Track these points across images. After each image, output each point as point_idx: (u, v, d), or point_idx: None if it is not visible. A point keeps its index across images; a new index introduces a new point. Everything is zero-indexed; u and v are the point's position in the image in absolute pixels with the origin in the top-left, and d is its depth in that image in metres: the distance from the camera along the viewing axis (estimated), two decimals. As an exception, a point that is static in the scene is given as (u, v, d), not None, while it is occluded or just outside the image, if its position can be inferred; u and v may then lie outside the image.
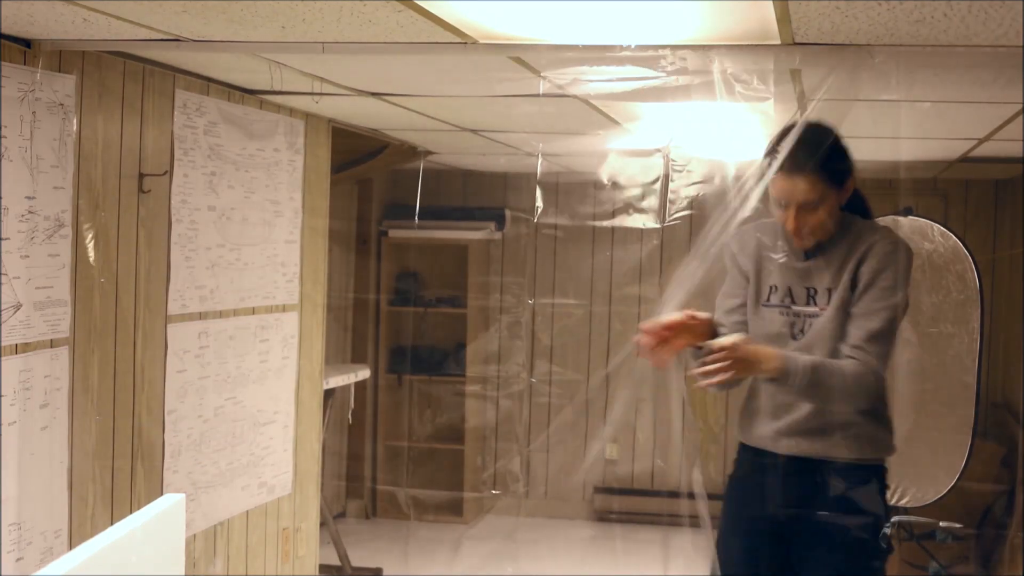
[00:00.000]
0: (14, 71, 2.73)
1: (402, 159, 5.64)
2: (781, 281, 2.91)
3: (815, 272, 2.86)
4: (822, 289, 2.84)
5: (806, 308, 2.87)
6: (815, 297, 2.85)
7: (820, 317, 2.82)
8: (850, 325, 2.79)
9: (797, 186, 2.75)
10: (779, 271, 2.91)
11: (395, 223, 6.62)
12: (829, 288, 2.83)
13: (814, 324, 2.83)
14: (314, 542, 4.57)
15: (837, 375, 2.74)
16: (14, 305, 2.76)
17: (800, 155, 2.72)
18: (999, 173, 5.80)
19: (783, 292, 2.90)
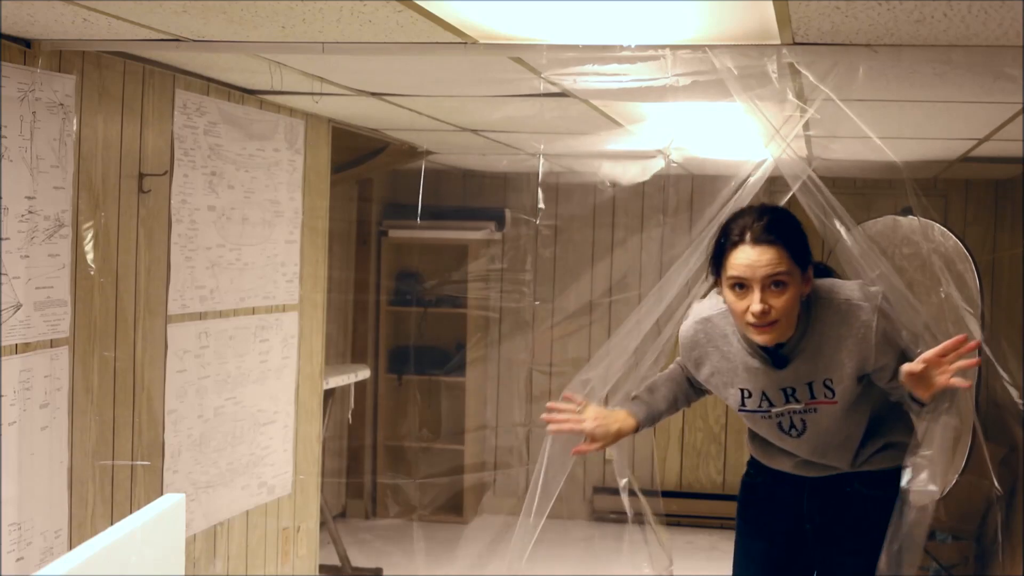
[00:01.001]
0: (14, 71, 2.73)
1: (402, 159, 5.64)
2: (751, 383, 2.67)
3: (790, 373, 2.62)
4: (801, 385, 2.62)
5: (789, 406, 2.65)
6: (794, 395, 2.64)
7: (819, 414, 2.64)
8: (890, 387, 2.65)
9: (763, 257, 2.45)
10: (744, 373, 2.67)
11: (395, 223, 6.62)
12: (810, 383, 2.60)
13: (812, 421, 2.66)
14: (314, 542, 4.57)
15: None
16: (14, 305, 2.76)
17: (765, 226, 2.49)
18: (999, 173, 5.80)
19: (758, 397, 2.67)
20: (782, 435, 2.71)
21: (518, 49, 2.79)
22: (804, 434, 2.67)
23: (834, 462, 2.74)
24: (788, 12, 2.29)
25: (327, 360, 4.77)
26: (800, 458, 2.79)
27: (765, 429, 2.75)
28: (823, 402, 2.61)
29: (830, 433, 2.67)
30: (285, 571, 4.29)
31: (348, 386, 5.59)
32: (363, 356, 6.53)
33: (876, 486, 2.74)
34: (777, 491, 2.90)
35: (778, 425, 2.69)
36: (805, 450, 2.75)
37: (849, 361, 2.57)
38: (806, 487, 2.82)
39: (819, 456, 2.74)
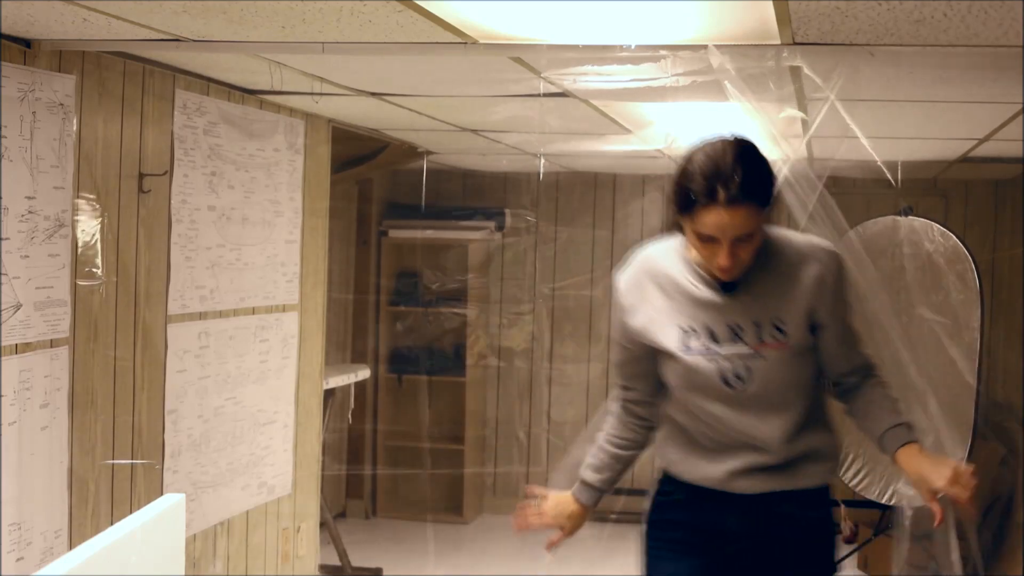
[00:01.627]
0: (14, 71, 2.73)
1: (402, 159, 5.64)
2: (694, 320, 2.42)
3: (737, 304, 2.41)
4: (748, 324, 2.39)
5: (736, 348, 2.39)
6: (741, 335, 2.39)
7: (766, 360, 2.38)
8: (835, 357, 2.47)
9: (736, 219, 2.27)
10: (688, 308, 2.44)
11: (395, 223, 6.62)
12: (757, 322, 2.39)
13: (758, 369, 2.39)
14: (314, 542, 4.57)
15: None
16: (14, 305, 2.76)
17: (742, 182, 2.26)
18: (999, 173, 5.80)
19: (703, 335, 2.41)
20: (723, 389, 2.40)
21: (518, 49, 2.79)
22: (748, 385, 2.38)
23: (768, 435, 2.41)
24: (788, 12, 2.29)
25: (327, 360, 4.77)
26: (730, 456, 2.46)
27: (702, 389, 2.43)
28: (771, 345, 2.38)
29: (775, 387, 2.39)
30: (285, 571, 4.29)
31: (348, 386, 5.59)
32: (363, 356, 6.53)
33: (810, 506, 2.49)
34: (698, 510, 2.55)
35: (720, 375, 2.39)
36: (741, 414, 2.42)
37: (803, 300, 2.38)
38: (732, 505, 2.49)
39: (754, 424, 2.41)
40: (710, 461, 2.50)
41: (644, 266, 2.55)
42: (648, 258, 2.55)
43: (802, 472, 2.47)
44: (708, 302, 2.42)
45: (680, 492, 2.58)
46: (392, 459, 6.69)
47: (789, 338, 2.38)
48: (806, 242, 2.46)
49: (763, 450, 2.44)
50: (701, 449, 2.51)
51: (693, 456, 2.53)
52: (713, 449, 2.49)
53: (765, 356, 2.38)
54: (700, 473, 2.52)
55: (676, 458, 2.57)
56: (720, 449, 2.48)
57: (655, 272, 2.51)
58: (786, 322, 2.39)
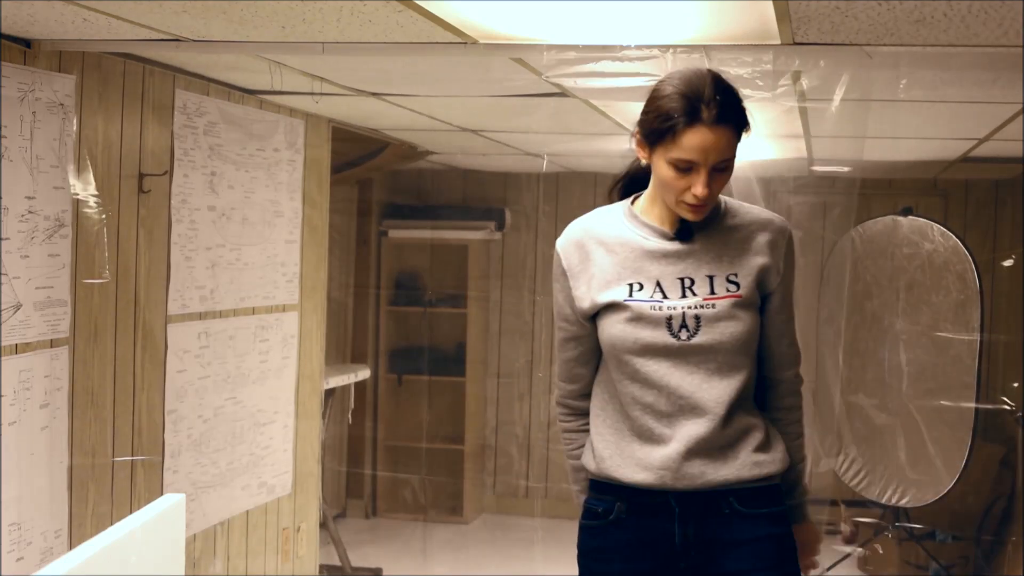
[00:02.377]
0: (14, 71, 2.73)
1: (402, 159, 5.64)
2: (643, 275, 2.29)
3: (689, 257, 2.29)
4: (701, 277, 2.27)
5: (683, 301, 2.26)
6: (692, 288, 2.27)
7: (715, 310, 2.25)
8: (775, 333, 2.35)
9: (720, 140, 2.15)
10: (638, 263, 2.30)
11: (395, 223, 6.62)
12: (711, 275, 2.27)
13: (707, 318, 2.25)
14: (314, 542, 4.57)
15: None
16: (14, 305, 2.76)
17: (725, 102, 2.16)
18: (999, 173, 5.80)
19: (650, 288, 2.27)
20: (667, 342, 2.25)
21: (518, 49, 2.79)
22: (695, 336, 2.24)
23: (711, 399, 2.25)
24: (788, 12, 2.30)
25: (327, 360, 4.77)
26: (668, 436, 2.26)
27: (645, 345, 2.26)
28: (724, 296, 2.26)
29: (724, 341, 2.25)
30: (285, 571, 4.30)
31: (348, 386, 5.59)
32: (363, 356, 6.53)
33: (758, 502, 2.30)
34: (635, 528, 2.32)
35: (666, 323, 2.24)
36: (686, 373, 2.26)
37: (757, 259, 2.29)
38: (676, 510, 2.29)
39: (698, 386, 2.26)
40: (646, 446, 2.28)
41: (584, 226, 2.38)
42: (588, 219, 2.40)
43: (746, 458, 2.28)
44: (659, 252, 2.29)
45: (612, 505, 2.33)
46: (392, 459, 6.69)
47: (741, 290, 2.27)
48: (759, 210, 2.38)
49: (705, 421, 2.24)
50: (635, 435, 2.29)
51: (625, 445, 2.31)
52: (648, 433, 2.27)
53: (715, 306, 2.26)
54: (635, 467, 2.28)
55: (607, 452, 2.32)
56: (657, 429, 2.26)
57: (597, 231, 2.35)
58: (740, 275, 2.28)
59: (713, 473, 2.27)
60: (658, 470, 2.26)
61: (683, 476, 2.26)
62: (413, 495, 6.64)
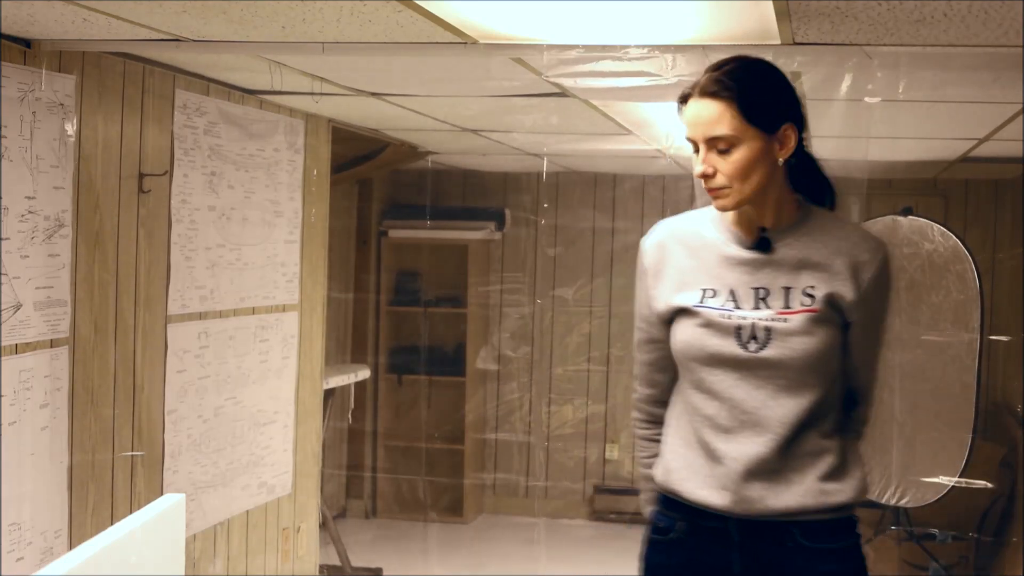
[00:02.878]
0: (14, 71, 2.73)
1: (402, 159, 5.64)
2: (718, 282, 2.21)
3: (767, 267, 2.18)
4: (777, 289, 2.17)
5: (756, 313, 2.16)
6: (767, 300, 2.17)
7: (788, 323, 2.14)
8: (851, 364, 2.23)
9: (706, 112, 2.09)
10: (715, 269, 2.22)
11: (395, 223, 6.62)
12: (787, 288, 2.17)
13: (778, 331, 2.15)
14: (314, 542, 4.57)
15: None
16: (14, 305, 2.76)
17: (717, 77, 2.10)
18: (999, 173, 5.80)
19: (724, 296, 2.19)
20: (735, 354, 2.16)
21: (518, 49, 2.79)
22: (764, 348, 2.14)
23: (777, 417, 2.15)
24: (788, 12, 2.30)
25: (327, 360, 4.77)
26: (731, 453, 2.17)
27: (713, 354, 2.18)
28: (799, 311, 2.15)
29: (794, 357, 2.14)
30: (285, 571, 4.29)
31: (348, 386, 5.59)
32: (363, 356, 6.53)
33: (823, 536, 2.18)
34: (696, 549, 2.25)
35: (735, 333, 2.16)
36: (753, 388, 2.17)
37: (836, 280, 2.16)
38: (735, 539, 2.20)
39: (764, 403, 2.16)
40: (708, 463, 2.19)
41: (671, 226, 2.33)
42: (676, 219, 2.34)
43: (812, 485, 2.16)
44: (736, 259, 2.20)
45: (677, 523, 2.27)
46: (392, 459, 6.69)
47: (816, 303, 2.15)
48: (856, 229, 2.25)
49: (766, 440, 2.15)
50: (700, 450, 2.21)
51: (692, 460, 2.23)
52: (708, 448, 2.19)
53: (788, 320, 2.15)
54: (698, 484, 2.21)
55: (674, 465, 2.26)
56: (714, 443, 2.18)
57: (682, 232, 2.29)
58: (816, 290, 2.16)
59: (773, 499, 2.16)
60: (719, 489, 2.18)
61: (742, 499, 2.16)
62: (413, 495, 6.65)
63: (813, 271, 2.17)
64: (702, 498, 2.20)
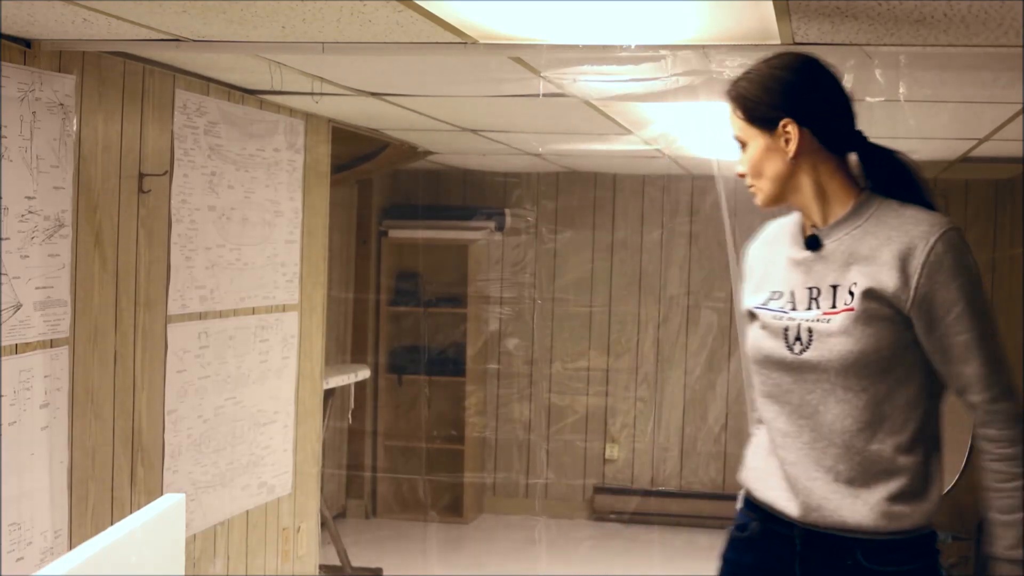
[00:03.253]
0: (14, 71, 2.73)
1: (402, 159, 5.64)
2: (784, 283, 2.19)
3: (818, 265, 2.14)
4: (827, 287, 2.11)
5: (807, 313, 2.12)
6: (818, 299, 2.12)
7: (830, 324, 2.08)
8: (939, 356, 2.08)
9: (730, 116, 2.20)
10: (782, 271, 2.21)
11: (395, 223, 6.62)
12: (835, 286, 2.10)
13: (820, 332, 2.09)
14: (314, 542, 4.57)
15: None
16: (14, 305, 2.76)
17: (739, 81, 2.18)
18: (999, 173, 5.80)
19: (786, 298, 2.17)
20: (785, 357, 2.13)
21: (518, 49, 2.79)
22: (807, 351, 2.10)
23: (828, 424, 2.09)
24: (788, 12, 2.30)
25: (327, 360, 4.77)
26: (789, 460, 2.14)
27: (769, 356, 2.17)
28: (841, 310, 2.07)
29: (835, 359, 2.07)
30: (285, 571, 4.29)
31: (348, 386, 5.59)
32: (363, 356, 6.53)
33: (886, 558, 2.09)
34: (766, 552, 2.22)
35: (783, 335, 2.13)
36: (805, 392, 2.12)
37: (882, 271, 2.05)
38: (797, 549, 2.16)
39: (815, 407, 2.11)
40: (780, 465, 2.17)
41: (770, 228, 2.33)
42: (773, 223, 2.32)
43: (878, 505, 2.06)
44: (795, 261, 2.18)
45: (752, 523, 2.24)
46: (392, 459, 6.70)
47: (856, 303, 2.06)
48: (917, 213, 2.11)
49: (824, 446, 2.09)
50: (774, 452, 2.18)
51: (767, 459, 2.20)
52: (780, 454, 2.16)
53: (831, 320, 2.08)
54: (770, 485, 2.19)
55: (752, 464, 2.25)
56: (780, 449, 2.16)
57: (770, 235, 2.31)
58: (858, 286, 2.08)
59: (831, 511, 2.09)
60: (784, 492, 2.15)
61: (802, 505, 2.12)
62: (413, 495, 6.65)
63: (860, 265, 2.09)
64: (771, 500, 2.18)
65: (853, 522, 2.07)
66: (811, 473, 2.10)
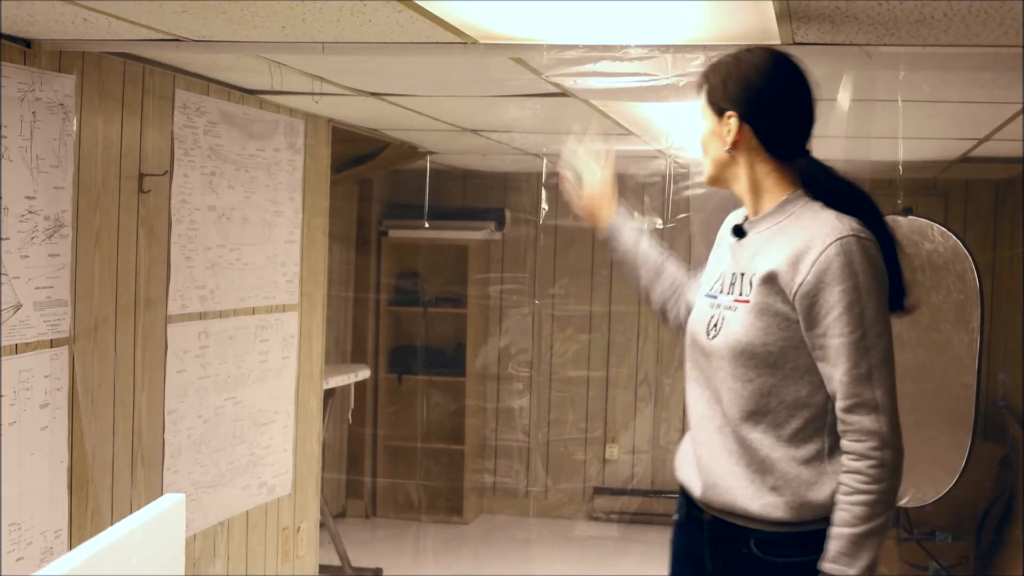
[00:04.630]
0: (14, 71, 2.73)
1: (402, 159, 5.64)
2: (718, 268, 2.31)
3: (737, 252, 2.24)
4: (739, 276, 2.20)
5: (725, 299, 2.20)
6: (732, 286, 2.20)
7: (734, 312, 2.15)
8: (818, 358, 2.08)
9: None
10: (722, 255, 2.33)
11: (395, 223, 6.62)
12: (743, 274, 2.18)
13: (726, 321, 2.16)
14: (314, 542, 4.57)
15: None
16: (14, 305, 2.76)
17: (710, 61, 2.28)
18: (999, 173, 5.80)
19: (723, 282, 2.25)
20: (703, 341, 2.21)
21: (518, 49, 2.79)
22: (716, 338, 2.16)
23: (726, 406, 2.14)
24: (788, 12, 2.30)
25: (327, 360, 4.77)
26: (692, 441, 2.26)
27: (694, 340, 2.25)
28: (740, 300, 2.15)
29: (735, 347, 2.11)
30: (285, 571, 4.29)
31: (348, 386, 5.60)
32: (363, 356, 6.53)
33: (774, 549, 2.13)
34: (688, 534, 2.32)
35: (708, 321, 2.22)
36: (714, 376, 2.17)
37: (773, 266, 2.09)
38: (705, 535, 2.24)
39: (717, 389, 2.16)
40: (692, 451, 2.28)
41: (729, 217, 2.40)
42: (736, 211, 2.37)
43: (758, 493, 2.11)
44: (728, 247, 2.29)
45: (682, 507, 2.35)
46: (392, 459, 6.70)
47: (752, 295, 2.12)
48: (830, 218, 2.10)
49: (714, 432, 2.17)
50: (689, 437, 2.31)
51: (688, 443, 2.31)
52: (693, 436, 2.27)
53: (735, 308, 2.15)
54: (686, 467, 2.30)
55: (680, 447, 2.36)
56: (692, 432, 2.27)
57: (729, 222, 2.39)
58: (755, 280, 2.13)
59: (724, 490, 2.15)
60: (690, 473, 2.26)
61: (703, 482, 2.20)
62: (413, 495, 6.65)
63: (763, 257, 2.14)
64: (684, 479, 2.29)
65: (741, 505, 2.13)
66: (715, 454, 2.17)
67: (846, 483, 2.04)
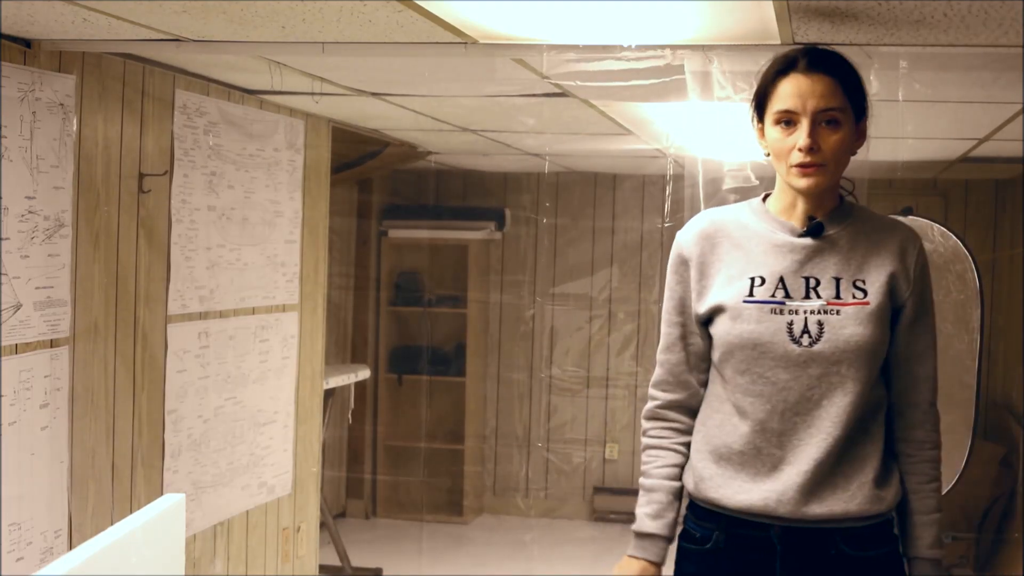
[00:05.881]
0: (14, 71, 2.73)
1: (402, 159, 5.64)
2: (769, 270, 2.12)
3: (816, 256, 2.12)
4: (827, 279, 2.10)
5: (806, 303, 2.08)
6: (817, 289, 2.09)
7: (841, 316, 2.07)
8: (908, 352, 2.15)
9: (816, 86, 2.05)
10: (763, 256, 2.14)
11: (395, 223, 6.62)
12: (837, 278, 2.10)
13: (831, 324, 2.07)
14: (314, 542, 4.57)
15: None
16: (14, 305, 2.76)
17: (824, 54, 2.10)
18: (999, 173, 5.80)
19: (772, 284, 2.10)
20: (788, 349, 2.07)
21: (518, 49, 2.79)
22: (818, 343, 2.06)
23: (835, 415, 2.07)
24: (788, 12, 2.30)
25: (327, 360, 4.77)
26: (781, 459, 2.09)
27: (765, 351, 2.09)
28: (851, 303, 2.07)
29: (848, 350, 2.06)
30: (285, 571, 4.29)
31: (348, 386, 5.59)
32: (363, 356, 6.53)
33: (867, 544, 2.11)
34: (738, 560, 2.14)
35: (787, 328, 2.08)
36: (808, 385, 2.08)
37: (887, 266, 2.10)
38: (777, 548, 2.11)
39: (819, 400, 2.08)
40: (753, 467, 2.11)
41: (712, 217, 2.23)
42: (715, 211, 2.25)
43: (861, 491, 2.09)
44: (786, 247, 2.13)
45: (711, 533, 2.16)
46: (392, 459, 6.69)
47: (869, 297, 2.09)
48: (889, 217, 2.24)
49: (820, 441, 2.07)
50: (743, 454, 2.12)
51: (730, 465, 2.13)
52: (755, 453, 2.10)
53: (840, 312, 2.07)
54: (736, 490, 2.11)
55: (707, 472, 2.15)
56: (767, 448, 2.09)
57: (726, 222, 2.20)
58: (868, 283, 2.10)
59: (818, 506, 2.08)
60: (764, 493, 2.09)
61: (788, 502, 2.08)
62: (413, 495, 6.65)
63: (862, 260, 2.12)
64: (741, 504, 2.11)
65: (838, 513, 2.09)
66: (801, 470, 2.08)
67: (926, 472, 2.17)
